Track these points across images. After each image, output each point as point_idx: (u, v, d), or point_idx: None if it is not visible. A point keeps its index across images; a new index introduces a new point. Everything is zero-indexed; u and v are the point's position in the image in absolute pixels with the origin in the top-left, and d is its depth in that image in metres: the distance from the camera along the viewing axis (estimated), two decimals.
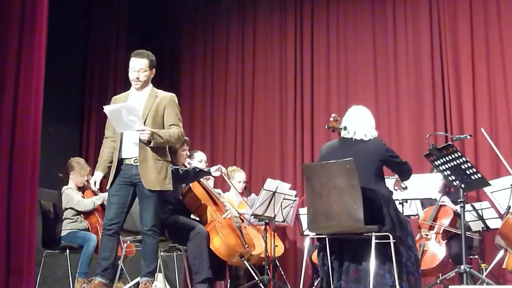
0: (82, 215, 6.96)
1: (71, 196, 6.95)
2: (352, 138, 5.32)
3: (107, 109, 5.28)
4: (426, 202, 7.16)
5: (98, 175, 5.51)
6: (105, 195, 6.60)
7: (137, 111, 5.23)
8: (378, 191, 5.14)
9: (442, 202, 7.04)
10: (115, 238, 5.40)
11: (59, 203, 7.02)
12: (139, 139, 5.30)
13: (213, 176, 6.43)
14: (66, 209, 6.97)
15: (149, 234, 5.35)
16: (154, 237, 5.38)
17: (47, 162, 7.24)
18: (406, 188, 5.68)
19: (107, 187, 5.48)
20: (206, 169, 6.23)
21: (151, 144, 5.29)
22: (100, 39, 9.40)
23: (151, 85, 5.61)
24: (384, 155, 5.26)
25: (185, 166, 6.51)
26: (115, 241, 5.40)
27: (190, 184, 6.26)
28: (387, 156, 5.27)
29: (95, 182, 5.50)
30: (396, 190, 5.66)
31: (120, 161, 5.40)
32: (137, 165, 5.31)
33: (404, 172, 5.44)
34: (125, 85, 5.72)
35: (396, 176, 5.58)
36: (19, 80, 6.49)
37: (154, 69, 5.60)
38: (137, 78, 5.48)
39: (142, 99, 5.48)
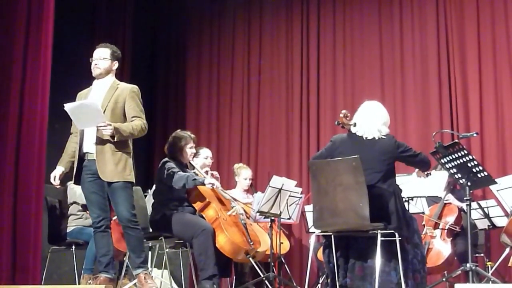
0: (88, 212, 6.98)
1: (74, 190, 6.98)
2: (362, 136, 5.31)
3: (67, 107, 5.20)
4: (430, 200, 7.15)
5: (59, 170, 5.48)
6: None
7: (99, 107, 5.17)
8: (386, 188, 5.13)
9: (446, 200, 7.03)
10: (107, 234, 5.41)
11: (64, 199, 7.05)
12: (96, 130, 5.23)
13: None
14: (71, 204, 7.00)
15: (130, 226, 5.31)
16: (136, 227, 5.34)
17: (53, 158, 7.24)
18: (429, 174, 5.67)
19: (73, 182, 5.45)
20: (201, 179, 6.18)
21: (116, 139, 5.22)
22: (106, 37, 9.38)
23: (114, 77, 5.56)
24: (395, 153, 5.25)
25: (191, 164, 6.53)
26: (108, 236, 5.42)
27: None
28: (398, 153, 5.26)
29: (54, 177, 5.45)
30: (420, 177, 5.65)
31: (82, 155, 5.37)
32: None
33: (419, 164, 5.43)
34: (130, 83, 5.70)
35: (416, 170, 5.58)
36: (26, 76, 6.52)
37: (116, 62, 5.56)
38: (96, 64, 5.48)
39: (102, 90, 5.44)
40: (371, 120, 5.33)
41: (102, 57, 5.49)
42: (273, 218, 6.72)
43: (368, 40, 9.00)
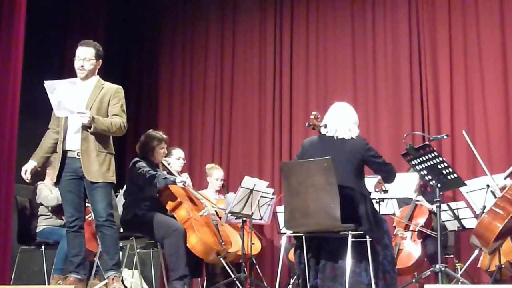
0: (57, 214, 6.94)
1: (41, 191, 6.93)
2: (333, 136, 5.32)
3: (48, 84, 5.17)
4: (401, 202, 7.19)
5: (31, 164, 5.41)
6: None
7: (79, 89, 5.17)
8: (356, 190, 5.14)
9: (417, 201, 7.07)
10: (80, 234, 5.36)
11: (34, 199, 6.99)
12: (81, 128, 5.21)
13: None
14: (41, 204, 6.95)
15: (106, 225, 5.27)
16: (112, 227, 5.31)
17: (24, 157, 7.17)
18: (387, 191, 5.69)
19: (54, 180, 5.40)
20: (172, 178, 6.18)
21: (91, 129, 5.20)
22: (79, 37, 9.32)
23: (97, 76, 5.53)
24: (365, 154, 5.25)
25: (162, 164, 6.50)
26: (81, 236, 5.37)
27: None
28: (367, 156, 5.25)
29: (25, 171, 5.37)
30: (377, 191, 5.66)
31: (64, 153, 5.32)
32: (80, 158, 5.24)
33: (386, 173, 5.40)
34: None
35: (379, 176, 5.58)
36: None
37: (100, 60, 5.53)
38: (82, 66, 5.41)
39: (87, 90, 5.40)
40: (341, 119, 5.34)
41: (88, 59, 5.43)
42: (244, 218, 6.72)
43: (341, 42, 9.04)
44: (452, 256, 7.19)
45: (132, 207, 6.20)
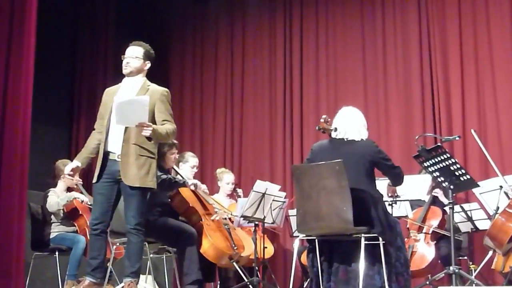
0: (70, 220, 6.96)
1: (48, 198, 6.95)
2: (343, 138, 5.32)
3: (117, 101, 5.12)
4: (414, 204, 7.16)
5: (74, 163, 5.39)
6: (72, 194, 6.80)
7: (147, 106, 5.09)
8: (368, 192, 5.14)
9: (435, 193, 7.04)
10: (102, 238, 5.33)
11: (45, 206, 7.01)
12: (124, 131, 5.19)
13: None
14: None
15: (133, 232, 5.25)
16: (139, 235, 5.27)
17: (36, 164, 7.21)
18: (398, 196, 5.69)
19: (94, 181, 5.36)
20: (181, 181, 6.18)
21: (152, 141, 5.22)
22: (88, 42, 9.37)
23: (145, 77, 5.52)
24: (376, 156, 5.26)
25: (174, 169, 6.51)
26: (102, 240, 5.34)
27: None
28: (378, 158, 5.27)
29: (68, 169, 5.36)
30: (389, 196, 5.66)
31: (106, 154, 5.29)
32: (120, 161, 5.22)
33: (395, 176, 5.44)
34: (113, 86, 5.67)
35: (387, 180, 5.58)
36: (8, 81, 6.46)
37: (148, 62, 5.54)
38: (127, 63, 5.43)
39: (133, 90, 5.39)
40: (351, 122, 5.37)
41: (134, 56, 5.46)
42: (257, 222, 6.72)
43: (351, 44, 9.03)
44: (465, 257, 7.15)
45: None
